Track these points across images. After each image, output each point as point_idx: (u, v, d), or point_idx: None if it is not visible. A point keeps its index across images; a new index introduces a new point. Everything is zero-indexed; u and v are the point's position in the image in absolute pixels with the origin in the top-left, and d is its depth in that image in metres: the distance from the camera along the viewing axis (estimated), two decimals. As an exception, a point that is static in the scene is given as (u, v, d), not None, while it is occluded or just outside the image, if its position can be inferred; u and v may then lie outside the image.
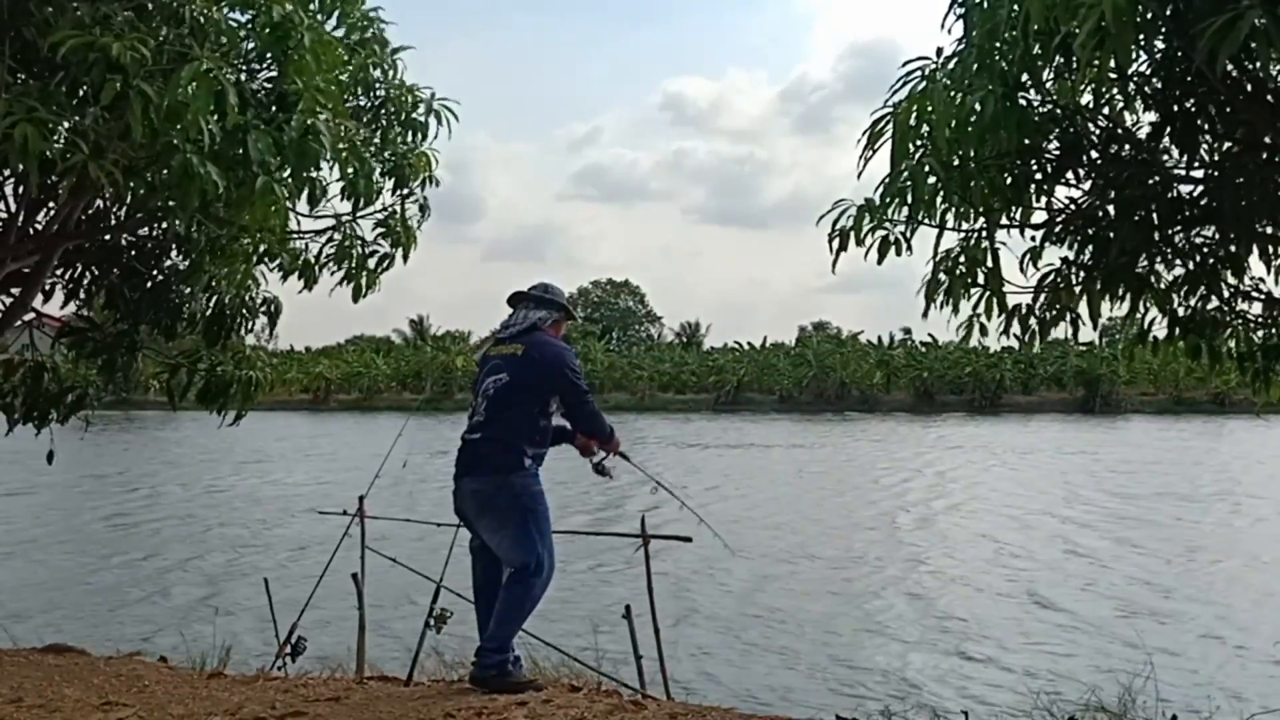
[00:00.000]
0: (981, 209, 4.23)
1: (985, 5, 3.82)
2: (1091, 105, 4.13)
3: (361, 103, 5.86)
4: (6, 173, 5.12)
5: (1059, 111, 4.07)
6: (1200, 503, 18.75)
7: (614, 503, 16.73)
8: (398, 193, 5.96)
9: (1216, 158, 4.03)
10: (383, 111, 5.89)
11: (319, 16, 5.25)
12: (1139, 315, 4.42)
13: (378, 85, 5.86)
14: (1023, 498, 19.53)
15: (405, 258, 6.04)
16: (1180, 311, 4.48)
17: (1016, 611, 10.67)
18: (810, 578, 12.35)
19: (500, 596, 4.65)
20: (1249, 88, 3.70)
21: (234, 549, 14.31)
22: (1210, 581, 12.09)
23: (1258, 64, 3.44)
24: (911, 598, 11.34)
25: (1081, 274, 4.26)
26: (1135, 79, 3.93)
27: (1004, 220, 4.32)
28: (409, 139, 5.95)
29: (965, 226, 4.37)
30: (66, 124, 4.12)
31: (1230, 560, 13.37)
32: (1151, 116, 4.09)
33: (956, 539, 15.16)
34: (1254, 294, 4.43)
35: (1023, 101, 3.89)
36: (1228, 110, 3.82)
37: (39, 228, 5.63)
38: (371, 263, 5.99)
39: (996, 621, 10.20)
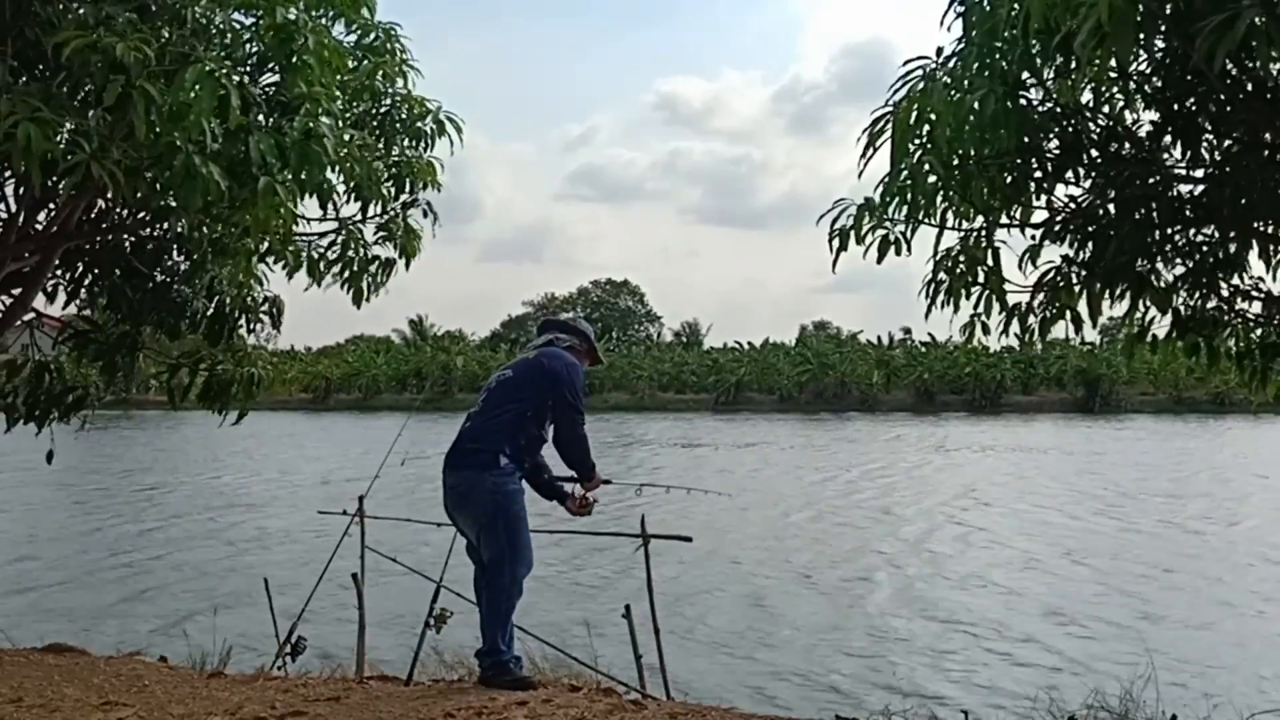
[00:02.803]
0: (981, 208, 4.24)
1: (985, 4, 3.82)
2: (1092, 104, 4.14)
3: (368, 108, 5.88)
4: (8, 173, 5.12)
5: (1059, 110, 4.07)
6: (1137, 500, 18.74)
7: (612, 501, 16.69)
8: (400, 198, 5.97)
9: (1216, 157, 4.04)
10: (388, 119, 5.90)
11: (324, 21, 5.27)
12: (1139, 314, 4.42)
13: (385, 94, 5.87)
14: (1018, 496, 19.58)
15: (408, 264, 6.06)
16: (1180, 310, 4.48)
17: (1021, 611, 10.67)
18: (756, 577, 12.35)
19: (481, 599, 4.74)
20: (1248, 87, 3.70)
21: (233, 548, 14.30)
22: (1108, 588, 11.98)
23: (1257, 63, 3.44)
24: (902, 599, 11.33)
25: (1082, 273, 4.26)
26: (1135, 78, 3.94)
27: (1004, 219, 4.32)
28: (415, 147, 5.96)
29: (965, 225, 4.38)
30: (69, 124, 4.12)
31: (1126, 563, 13.26)
32: (1152, 115, 4.09)
33: (936, 538, 15.14)
34: (1254, 293, 4.44)
35: (1023, 100, 3.89)
36: (1227, 109, 3.83)
37: (39, 228, 5.63)
38: (373, 267, 6.01)
39: (999, 623, 10.20)
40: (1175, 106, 3.95)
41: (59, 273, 6.12)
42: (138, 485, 21.74)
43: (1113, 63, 3.21)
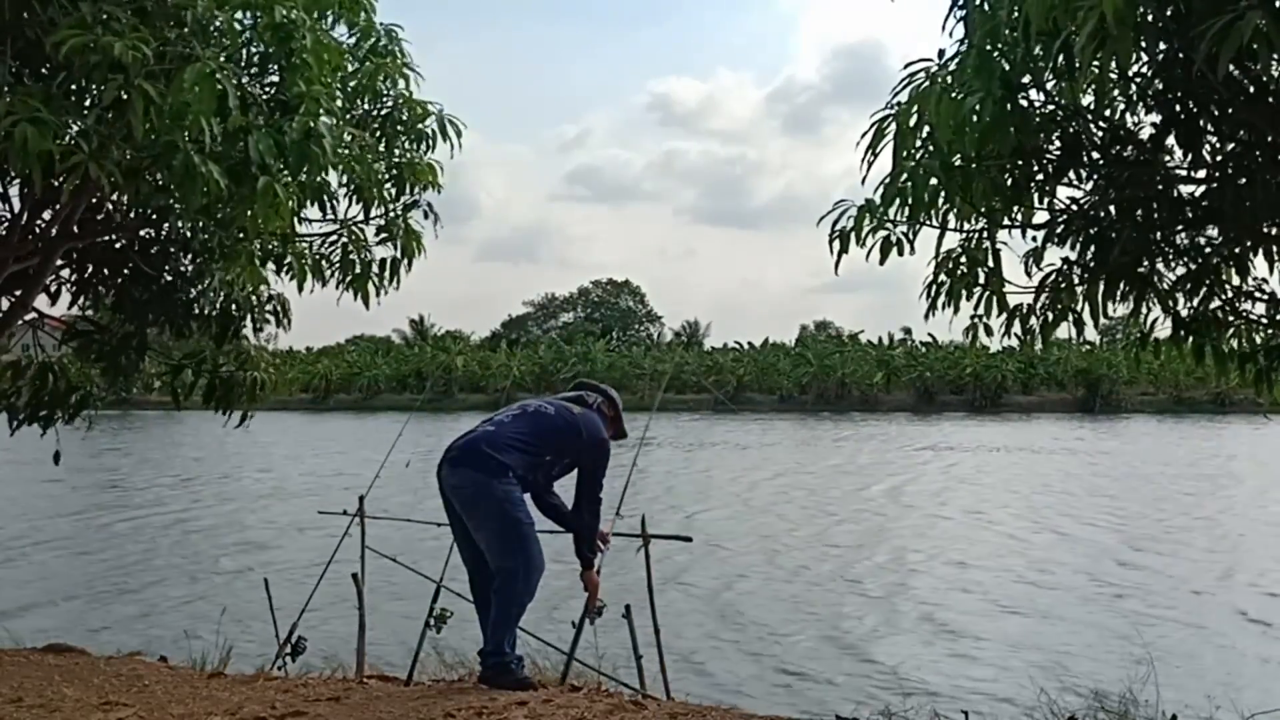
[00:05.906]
0: (983, 209, 4.24)
1: (986, 6, 3.82)
2: (1093, 106, 4.13)
3: (368, 110, 5.89)
4: (11, 174, 5.13)
5: (1060, 112, 4.07)
6: (1064, 498, 18.76)
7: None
8: (401, 199, 5.97)
9: (1218, 158, 4.03)
10: (389, 120, 5.91)
11: (324, 22, 5.27)
12: (1142, 316, 4.42)
13: (385, 95, 5.88)
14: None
15: (409, 265, 6.07)
16: (1183, 312, 4.48)
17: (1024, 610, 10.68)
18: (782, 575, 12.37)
19: (493, 602, 4.75)
20: (1250, 89, 3.70)
21: (232, 549, 14.29)
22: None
23: (1258, 65, 3.44)
24: (899, 598, 11.33)
25: (1084, 274, 4.26)
26: (1137, 80, 3.93)
27: (1005, 221, 4.32)
28: (416, 149, 5.96)
29: (966, 227, 4.37)
30: (74, 124, 4.12)
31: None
32: (1153, 118, 4.09)
33: (926, 535, 15.14)
34: (1257, 294, 4.43)
35: (1024, 102, 3.89)
36: (1229, 111, 3.82)
37: (41, 228, 5.63)
38: (376, 268, 6.01)
39: (996, 623, 10.20)
40: (1176, 108, 3.95)
41: (64, 273, 6.12)
42: (135, 484, 21.75)
43: (1113, 65, 3.20)
